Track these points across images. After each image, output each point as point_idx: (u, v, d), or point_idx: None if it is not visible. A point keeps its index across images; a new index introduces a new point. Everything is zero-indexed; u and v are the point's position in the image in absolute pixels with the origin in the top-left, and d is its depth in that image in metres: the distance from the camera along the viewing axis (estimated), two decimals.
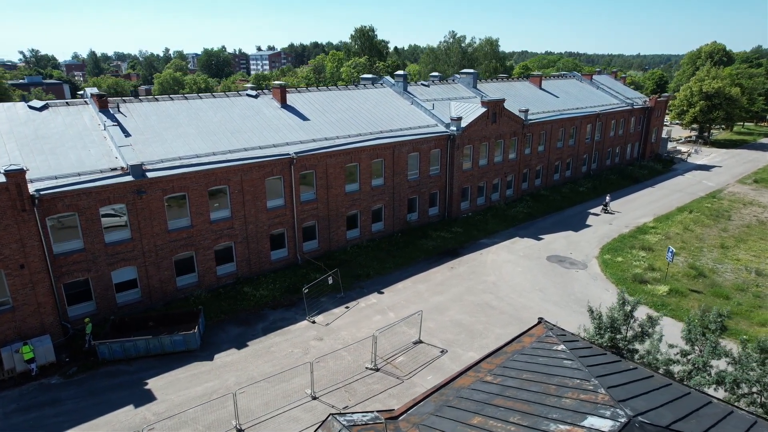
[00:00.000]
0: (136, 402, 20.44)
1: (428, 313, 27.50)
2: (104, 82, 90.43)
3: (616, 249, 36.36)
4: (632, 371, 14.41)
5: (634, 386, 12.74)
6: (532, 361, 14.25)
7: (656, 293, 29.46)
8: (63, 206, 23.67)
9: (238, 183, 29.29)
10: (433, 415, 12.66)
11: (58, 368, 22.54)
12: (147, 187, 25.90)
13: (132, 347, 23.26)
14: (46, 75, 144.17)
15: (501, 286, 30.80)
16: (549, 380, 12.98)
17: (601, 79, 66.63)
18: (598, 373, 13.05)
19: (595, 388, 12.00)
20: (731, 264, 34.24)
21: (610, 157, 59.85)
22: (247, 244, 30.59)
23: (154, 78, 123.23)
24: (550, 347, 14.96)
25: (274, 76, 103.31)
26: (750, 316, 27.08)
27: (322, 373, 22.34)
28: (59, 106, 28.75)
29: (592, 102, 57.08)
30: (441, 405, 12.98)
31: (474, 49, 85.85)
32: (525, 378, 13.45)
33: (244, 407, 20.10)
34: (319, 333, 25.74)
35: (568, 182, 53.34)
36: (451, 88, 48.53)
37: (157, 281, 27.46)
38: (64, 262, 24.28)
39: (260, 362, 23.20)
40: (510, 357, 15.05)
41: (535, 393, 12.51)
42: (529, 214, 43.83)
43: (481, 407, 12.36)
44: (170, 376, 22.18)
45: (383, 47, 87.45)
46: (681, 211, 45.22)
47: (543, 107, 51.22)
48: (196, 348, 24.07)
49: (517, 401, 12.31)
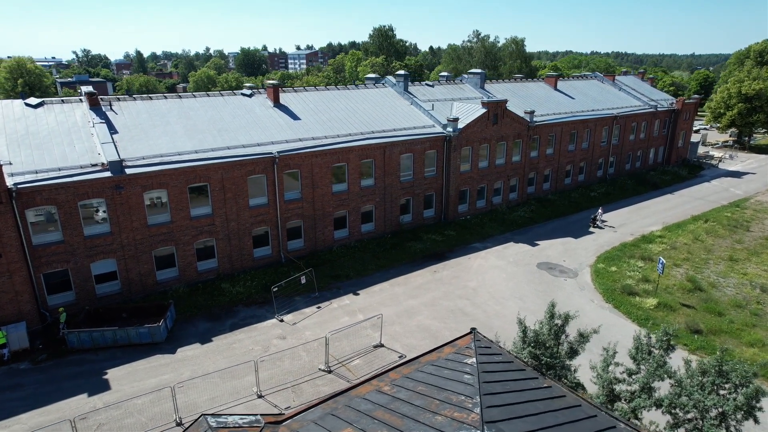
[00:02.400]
0: (91, 390, 21.16)
1: (397, 316, 27.18)
2: (136, 81, 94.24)
3: (614, 258, 34.78)
4: (541, 390, 13.79)
5: (523, 407, 12.17)
6: (436, 373, 13.82)
7: (643, 306, 27.96)
8: (41, 199, 24.77)
9: (219, 181, 29.82)
10: (313, 423, 12.46)
11: (29, 354, 23.62)
12: (125, 183, 26.76)
13: (100, 337, 24.10)
14: (94, 74, 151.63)
15: (480, 293, 30.04)
16: (437, 395, 12.58)
17: (626, 80, 63.89)
18: (490, 390, 12.54)
19: (473, 406, 11.54)
20: (736, 278, 32.09)
21: (630, 161, 57.29)
22: (228, 241, 31.11)
23: (189, 76, 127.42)
24: (461, 360, 14.48)
25: (298, 75, 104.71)
26: (740, 335, 25.28)
27: (275, 372, 22.46)
28: (54, 104, 30.09)
29: (611, 104, 54.80)
30: (327, 413, 12.75)
31: (498, 48, 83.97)
32: (418, 391, 13.07)
33: (191, 401, 20.49)
34: (284, 332, 25.88)
35: (580, 187, 51.44)
36: (457, 88, 47.73)
37: (136, 274, 28.33)
38: (43, 253, 25.41)
39: (219, 358, 23.55)
40: (419, 367, 14.66)
41: (416, 407, 12.14)
42: (530, 219, 42.56)
43: (359, 419, 12.09)
44: (130, 367, 22.84)
45: (401, 47, 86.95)
46: (696, 220, 42.76)
47: (555, 109, 49.60)
48: (162, 341, 24.68)
49: (394, 415, 11.99)
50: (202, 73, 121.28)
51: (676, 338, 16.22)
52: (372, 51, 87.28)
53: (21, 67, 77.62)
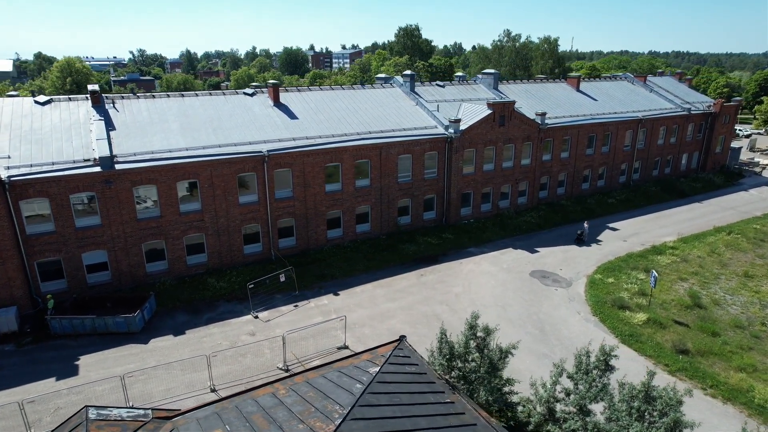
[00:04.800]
0: (59, 375, 22.25)
1: (370, 319, 26.97)
2: (174, 79, 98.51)
3: (615, 269, 33.03)
4: (437, 405, 13.42)
5: (400, 422, 11.85)
6: (335, 380, 13.68)
7: (631, 321, 26.38)
8: (34, 192, 26.26)
9: (207, 178, 30.58)
10: (196, 421, 12.58)
11: (17, 338, 25.12)
12: (115, 178, 27.93)
13: (80, 324, 25.30)
14: (146, 72, 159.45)
15: (462, 299, 29.32)
16: (318, 403, 12.45)
17: (659, 80, 60.48)
18: (372, 402, 12.32)
19: (339, 417, 11.33)
20: (746, 296, 29.71)
21: (658, 167, 54.19)
22: (218, 237, 31.86)
23: (231, 75, 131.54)
24: (366, 368, 14.27)
25: (327, 74, 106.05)
26: (731, 358, 23.35)
27: (235, 368, 22.82)
28: (61, 102, 31.83)
29: (638, 106, 52.03)
30: (214, 412, 12.86)
31: (530, 48, 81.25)
32: (306, 397, 12.99)
33: (147, 391, 21.16)
34: (255, 328, 26.25)
35: (598, 193, 49.18)
36: (470, 89, 46.78)
37: (126, 266, 29.53)
38: (36, 242, 26.94)
39: (186, 350, 24.18)
40: (325, 373, 14.55)
41: (291, 414, 12.07)
42: (536, 225, 41.11)
43: (235, 421, 12.12)
44: (102, 354, 23.85)
45: (426, 46, 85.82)
46: (718, 231, 39.95)
47: (574, 110, 47.65)
48: (138, 330, 25.62)
49: (267, 420, 11.95)
50: (242, 72, 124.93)
51: (615, 358, 15.15)
52: (396, 50, 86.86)
53: (70, 67, 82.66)
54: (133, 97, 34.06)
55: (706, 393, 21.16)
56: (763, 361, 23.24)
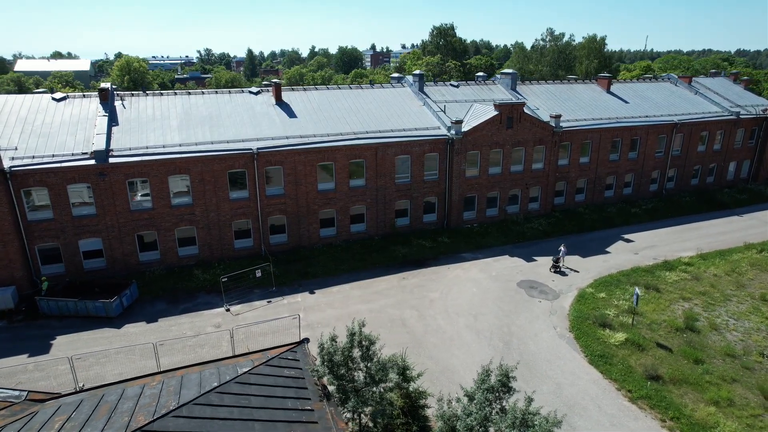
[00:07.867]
0: (32, 352, 24.00)
1: (336, 320, 26.89)
2: (223, 77, 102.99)
3: (612, 283, 30.85)
4: (288, 411, 13.26)
5: (229, 423, 11.75)
6: (204, 378, 13.85)
7: (607, 341, 24.53)
8: (33, 181, 28.45)
9: (198, 173, 31.75)
10: (63, 405, 13.10)
11: (12, 315, 27.35)
12: (108, 170, 29.67)
13: (64, 307, 27.14)
14: (210, 71, 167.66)
15: (436, 305, 28.55)
16: (164, 398, 12.62)
17: (709, 81, 55.61)
18: (210, 401, 12.35)
19: (158, 410, 11.45)
20: (754, 322, 26.73)
21: (699, 176, 49.89)
22: (209, 230, 33.01)
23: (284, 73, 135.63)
24: (240, 368, 14.31)
25: (368, 73, 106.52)
26: (707, 389, 21.08)
27: (189, 357, 23.55)
28: (75, 98, 34.22)
29: (676, 109, 48.17)
30: (85, 399, 13.34)
31: (573, 47, 77.05)
32: (163, 391, 13.18)
33: (104, 373, 22.33)
34: (223, 321, 26.97)
35: (623, 201, 46.06)
36: (486, 89, 45.36)
37: (120, 254, 31.31)
38: (37, 228, 29.18)
39: (152, 337, 25.25)
40: (204, 369, 14.75)
41: (131, 406, 12.30)
42: (543, 232, 39.20)
43: (84, 410, 12.52)
44: (76, 336, 25.46)
45: (460, 46, 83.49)
46: (748, 248, 36.22)
47: (599, 113, 44.95)
48: (116, 316, 27.10)
49: (107, 412, 12.23)
50: (295, 71, 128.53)
51: (514, 379, 14.17)
52: (429, 50, 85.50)
53: (129, 66, 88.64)
54: (142, 94, 35.97)
55: (663, 425, 19.27)
56: (744, 396, 20.83)
